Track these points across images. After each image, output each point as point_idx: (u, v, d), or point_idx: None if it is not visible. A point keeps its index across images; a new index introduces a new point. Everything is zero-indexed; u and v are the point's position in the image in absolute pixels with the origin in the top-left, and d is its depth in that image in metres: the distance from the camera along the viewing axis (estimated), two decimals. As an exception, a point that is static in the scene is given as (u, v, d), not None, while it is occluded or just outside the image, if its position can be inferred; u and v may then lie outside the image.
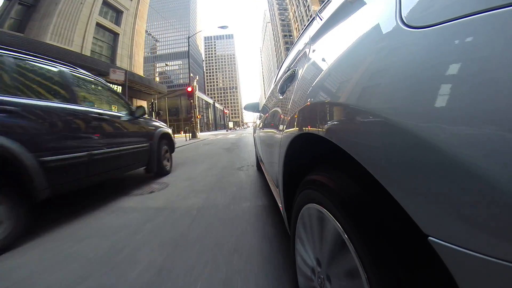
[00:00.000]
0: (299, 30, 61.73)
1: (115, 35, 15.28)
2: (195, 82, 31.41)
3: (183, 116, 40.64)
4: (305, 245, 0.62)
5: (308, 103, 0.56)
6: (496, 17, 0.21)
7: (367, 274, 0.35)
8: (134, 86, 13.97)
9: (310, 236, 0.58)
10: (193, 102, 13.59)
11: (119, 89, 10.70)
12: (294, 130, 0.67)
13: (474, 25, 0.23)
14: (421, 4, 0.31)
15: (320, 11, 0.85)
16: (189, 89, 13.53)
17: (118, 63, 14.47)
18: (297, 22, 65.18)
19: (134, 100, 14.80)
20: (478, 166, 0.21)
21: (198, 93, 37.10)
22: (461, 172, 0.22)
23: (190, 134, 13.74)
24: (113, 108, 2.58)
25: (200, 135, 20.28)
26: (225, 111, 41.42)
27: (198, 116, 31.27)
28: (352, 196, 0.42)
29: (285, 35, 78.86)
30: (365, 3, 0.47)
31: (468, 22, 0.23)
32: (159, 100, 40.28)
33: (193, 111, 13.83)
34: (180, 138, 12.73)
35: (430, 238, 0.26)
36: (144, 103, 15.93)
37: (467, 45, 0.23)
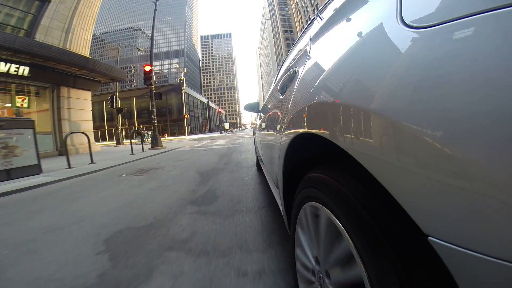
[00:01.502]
0: (302, 23, 56.70)
1: (44, 2, 9.97)
2: (182, 75, 25.98)
3: (175, 117, 34.98)
4: (306, 244, 0.62)
5: (309, 103, 0.56)
6: (496, 17, 0.21)
7: (368, 273, 0.35)
8: (56, 67, 8.50)
9: (310, 235, 0.58)
10: (152, 87, 8.12)
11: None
12: (294, 130, 0.66)
13: (474, 25, 0.23)
14: (421, 5, 0.30)
15: (321, 11, 0.84)
16: (147, 68, 8.08)
17: (39, 37, 9.12)
18: (300, 14, 60.08)
19: (64, 89, 9.33)
20: (477, 165, 0.21)
21: (186, 89, 31.61)
22: (461, 172, 0.22)
23: (151, 141, 8.29)
24: None
25: (185, 138, 15.36)
26: (220, 110, 35.89)
27: (186, 116, 25.85)
28: (353, 195, 0.41)
29: (286, 31, 73.80)
30: (365, 3, 0.47)
31: (468, 22, 0.23)
32: (141, 98, 34.81)
33: (153, 103, 8.35)
34: (121, 148, 7.08)
35: (430, 238, 0.26)
36: (87, 94, 10.46)
37: (467, 45, 0.23)
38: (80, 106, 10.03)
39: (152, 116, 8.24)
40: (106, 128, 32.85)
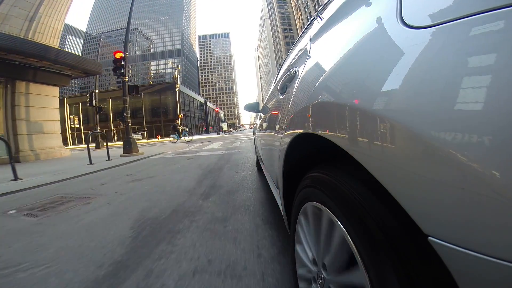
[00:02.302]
0: (302, 20, 55.06)
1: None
2: (176, 72, 24.27)
3: (170, 117, 33.03)
4: (306, 244, 0.61)
5: (309, 104, 0.55)
6: (496, 17, 0.21)
7: (368, 273, 0.34)
8: (6, 58, 6.86)
9: (310, 235, 0.58)
10: (126, 78, 6.39)
11: None
12: (294, 130, 0.65)
13: (474, 26, 0.23)
14: (421, 5, 0.31)
15: (321, 11, 0.83)
16: (118, 54, 6.39)
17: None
18: (300, 11, 58.32)
19: (21, 84, 7.70)
20: (477, 165, 0.21)
21: (181, 87, 29.80)
22: (461, 172, 0.22)
23: (123, 145, 6.56)
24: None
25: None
26: (217, 110, 33.64)
27: (180, 116, 24.19)
28: (353, 195, 0.40)
29: (285, 29, 72.11)
30: (365, 3, 0.47)
31: (468, 22, 0.23)
32: (135, 97, 32.79)
33: (126, 97, 6.57)
34: (97, 153, 5.19)
35: (430, 238, 0.26)
36: (52, 90, 8.76)
37: (467, 45, 0.23)
38: (43, 103, 8.32)
39: (125, 114, 6.48)
40: (98, 129, 31.02)
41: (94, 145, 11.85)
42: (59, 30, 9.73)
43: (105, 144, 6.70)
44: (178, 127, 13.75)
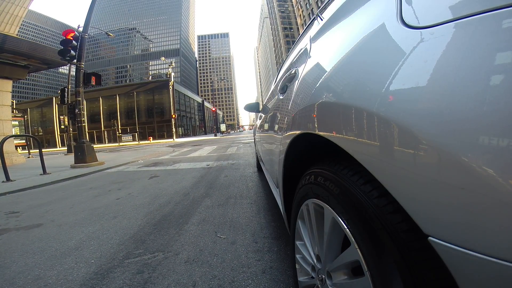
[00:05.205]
0: (303, 17, 53.54)
1: None
2: (170, 68, 22.64)
3: (166, 117, 31.25)
4: (305, 242, 0.61)
5: (309, 104, 0.55)
6: (495, 18, 0.21)
7: (370, 271, 0.34)
8: None
9: (310, 232, 0.58)
10: (82, 64, 4.71)
11: None
12: (294, 130, 0.65)
13: (474, 25, 0.23)
14: (421, 5, 0.31)
15: (321, 11, 0.82)
16: (70, 35, 4.75)
17: None
18: (301, 8, 56.78)
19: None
20: (477, 165, 0.21)
21: (176, 86, 28.14)
22: (460, 172, 0.22)
23: (73, 152, 4.86)
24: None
25: (172, 141, 10.94)
26: (213, 109, 31.74)
27: (173, 116, 22.52)
28: (353, 192, 0.39)
29: (285, 28, 70.59)
30: (365, 3, 0.47)
31: (468, 22, 0.23)
32: (127, 96, 31.08)
33: (79, 88, 4.86)
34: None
35: (430, 238, 0.26)
36: (3, 84, 7.10)
37: (467, 45, 0.23)
38: (-11, 99, 6.66)
39: (77, 111, 4.80)
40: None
41: (66, 149, 10.20)
42: (20, 17, 8.12)
43: (50, 151, 5.05)
44: None
